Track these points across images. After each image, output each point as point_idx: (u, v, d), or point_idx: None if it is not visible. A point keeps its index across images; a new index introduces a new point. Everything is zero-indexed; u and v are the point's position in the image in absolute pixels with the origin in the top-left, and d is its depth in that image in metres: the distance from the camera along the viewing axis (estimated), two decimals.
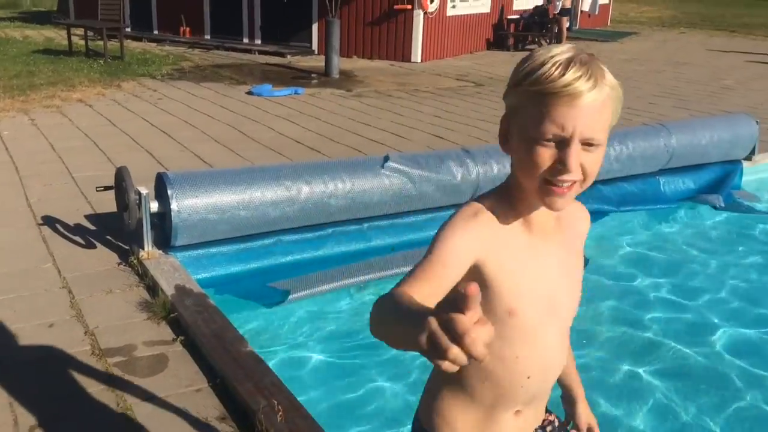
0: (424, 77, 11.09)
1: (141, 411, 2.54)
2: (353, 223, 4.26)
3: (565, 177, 1.08)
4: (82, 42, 11.94)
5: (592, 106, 1.06)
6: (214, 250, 3.86)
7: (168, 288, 3.34)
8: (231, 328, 3.01)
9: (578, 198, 1.20)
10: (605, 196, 5.18)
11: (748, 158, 5.99)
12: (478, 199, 1.22)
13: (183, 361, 2.87)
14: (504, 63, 13.04)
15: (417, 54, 12.75)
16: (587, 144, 1.08)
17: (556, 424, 1.45)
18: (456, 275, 1.10)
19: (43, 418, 2.48)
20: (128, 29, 14.73)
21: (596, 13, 21.90)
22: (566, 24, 15.12)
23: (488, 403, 1.27)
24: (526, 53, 1.15)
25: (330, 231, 4.19)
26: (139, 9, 15.46)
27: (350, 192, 4.07)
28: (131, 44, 13.68)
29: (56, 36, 14.39)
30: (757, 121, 5.93)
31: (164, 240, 3.77)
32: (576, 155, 1.07)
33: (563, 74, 1.05)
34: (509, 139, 1.17)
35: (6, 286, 3.45)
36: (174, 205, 3.56)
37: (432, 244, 1.12)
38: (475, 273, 1.15)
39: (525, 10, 16.19)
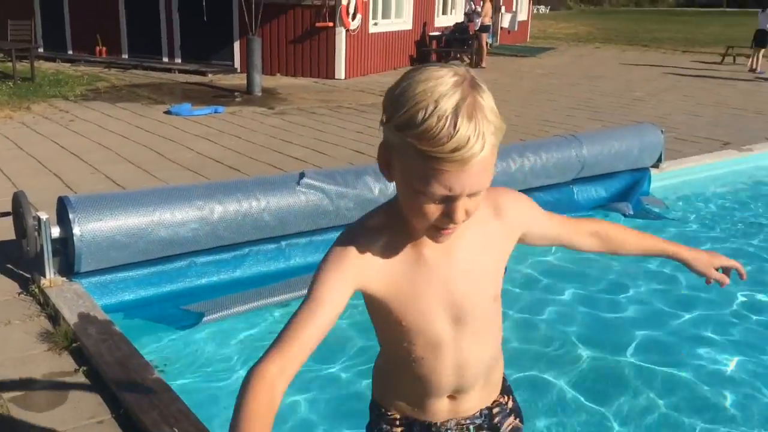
0: (347, 94, 11.12)
1: None
2: (271, 242, 4.19)
3: (450, 225, 1.11)
4: None
5: (480, 165, 1.03)
6: (122, 274, 3.71)
7: (71, 316, 3.19)
8: (137, 355, 2.89)
9: None
10: None
11: (656, 166, 6.23)
12: (365, 218, 1.24)
13: (85, 392, 2.74)
14: None
15: (340, 71, 12.78)
16: (474, 194, 1.08)
17: (509, 406, 1.46)
18: (337, 308, 1.15)
19: None
20: (41, 50, 14.24)
21: (515, 29, 22.58)
22: (486, 40, 15.49)
23: (415, 393, 1.33)
24: None
25: (247, 251, 4.11)
26: (52, 29, 14.97)
27: (265, 210, 4.00)
28: (44, 65, 13.21)
29: None
30: (662, 130, 6.18)
31: (68, 266, 3.60)
32: (462, 208, 1.08)
33: (451, 136, 0.98)
34: (391, 172, 1.13)
35: None
36: (76, 230, 3.41)
37: (311, 284, 1.16)
38: (365, 294, 1.23)
39: (446, 27, 16.52)
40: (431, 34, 15.99)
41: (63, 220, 3.52)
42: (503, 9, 21.37)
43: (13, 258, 3.91)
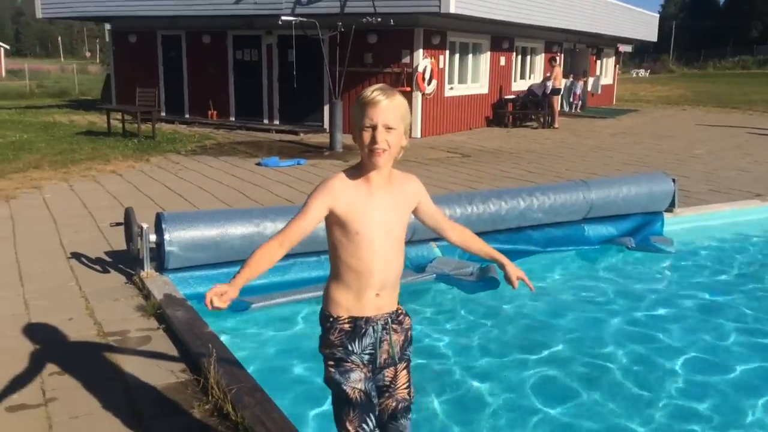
0: (418, 150, 12.36)
1: (128, 367, 3.61)
2: (312, 255, 5.36)
3: (375, 146, 2.03)
4: (121, 125, 13.61)
5: (387, 107, 2.03)
6: (199, 273, 4.99)
7: (158, 295, 4.47)
8: (198, 319, 4.11)
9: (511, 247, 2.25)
10: (533, 239, 6.21)
11: (669, 210, 6.96)
12: (342, 171, 2.18)
13: (162, 339, 3.96)
14: (498, 138, 14.30)
15: (416, 130, 14.10)
16: (388, 127, 2.03)
17: (403, 313, 2.31)
18: (317, 219, 2.11)
19: (58, 370, 3.57)
20: (163, 113, 16.53)
21: (599, 92, 23.29)
22: (557, 102, 16.40)
23: (356, 287, 2.14)
24: (523, 129, 2.27)
25: (292, 261, 5.29)
26: (173, 95, 17.31)
27: None
28: (164, 126, 15.36)
29: (99, 120, 16.17)
30: (674, 179, 6.94)
31: (161, 265, 4.92)
32: (381, 134, 2.02)
33: (371, 94, 2.04)
34: (354, 135, 2.10)
35: (42, 296, 4.62)
36: (167, 236, 4.73)
37: (304, 203, 2.12)
38: (333, 213, 2.11)
39: (521, 91, 17.59)
40: (507, 97, 17.11)
41: (158, 231, 4.85)
42: (588, 73, 22.21)
43: (124, 260, 5.30)
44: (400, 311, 2.34)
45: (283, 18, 12.10)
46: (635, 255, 6.30)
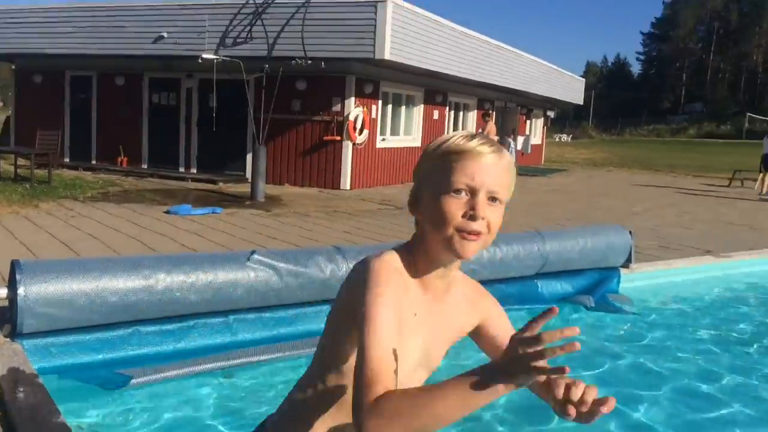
0: (349, 202, 11.51)
1: None
2: (218, 316, 4.31)
3: (474, 226, 1.24)
4: (14, 169, 12.16)
5: (495, 165, 1.26)
6: (65, 338, 3.84)
7: (1, 369, 3.31)
8: (49, 403, 2.98)
9: None
10: None
11: (625, 266, 6.29)
12: (390, 251, 1.35)
13: None
14: None
15: (346, 182, 13.27)
16: (492, 198, 1.26)
17: None
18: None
19: None
20: (66, 159, 15.12)
21: (528, 151, 23.28)
22: None
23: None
24: None
25: (192, 323, 4.22)
26: (80, 140, 15.93)
27: (212, 283, 4.15)
28: (66, 172, 13.95)
29: None
30: (630, 232, 6.29)
31: (14, 328, 3.75)
32: (483, 204, 1.25)
33: (470, 141, 1.27)
34: (419, 204, 1.33)
35: None
36: (21, 290, 3.59)
37: (369, 311, 1.20)
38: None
39: None
40: None
41: (12, 283, 3.71)
42: (517, 132, 22.18)
43: None
44: None
45: (204, 56, 11.20)
46: (591, 315, 5.54)
